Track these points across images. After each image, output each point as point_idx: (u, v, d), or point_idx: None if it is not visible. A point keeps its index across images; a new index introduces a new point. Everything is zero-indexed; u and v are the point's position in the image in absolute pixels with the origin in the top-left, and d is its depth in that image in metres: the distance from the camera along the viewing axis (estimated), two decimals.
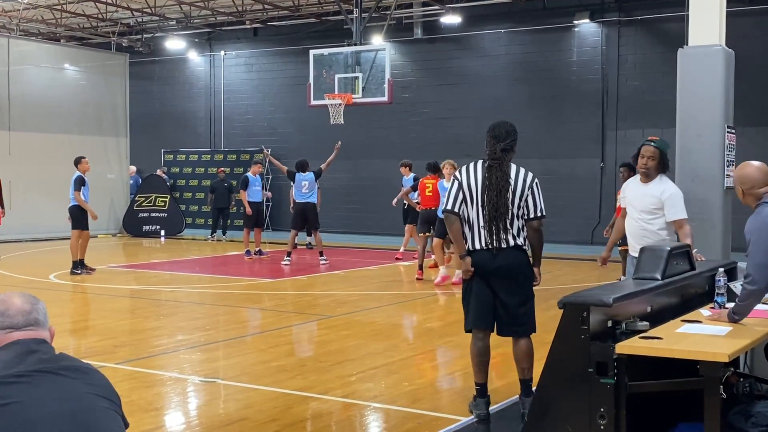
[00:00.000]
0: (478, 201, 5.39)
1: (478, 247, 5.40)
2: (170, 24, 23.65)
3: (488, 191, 5.35)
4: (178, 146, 24.34)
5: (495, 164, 5.40)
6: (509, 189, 5.35)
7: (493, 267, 5.37)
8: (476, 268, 5.41)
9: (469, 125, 20.07)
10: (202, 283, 13.12)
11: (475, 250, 5.42)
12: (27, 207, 19.55)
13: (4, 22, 23.26)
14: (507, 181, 5.36)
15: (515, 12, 19.78)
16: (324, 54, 15.88)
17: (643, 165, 6.09)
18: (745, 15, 16.23)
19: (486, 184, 5.36)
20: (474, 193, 5.41)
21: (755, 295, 4.06)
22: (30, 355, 2.38)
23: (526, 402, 5.40)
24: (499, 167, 5.38)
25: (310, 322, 9.69)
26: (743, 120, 11.87)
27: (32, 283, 12.29)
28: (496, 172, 5.37)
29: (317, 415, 5.88)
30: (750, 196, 4.37)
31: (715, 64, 7.20)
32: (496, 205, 5.32)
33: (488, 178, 5.36)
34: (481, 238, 5.39)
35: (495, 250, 5.36)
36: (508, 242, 5.37)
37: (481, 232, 5.39)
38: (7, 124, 19.70)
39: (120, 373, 6.81)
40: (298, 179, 14.90)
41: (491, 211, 5.33)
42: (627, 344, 3.75)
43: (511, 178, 5.39)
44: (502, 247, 5.36)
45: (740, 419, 3.96)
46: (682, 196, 6.10)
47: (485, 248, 5.38)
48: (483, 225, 5.37)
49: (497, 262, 5.36)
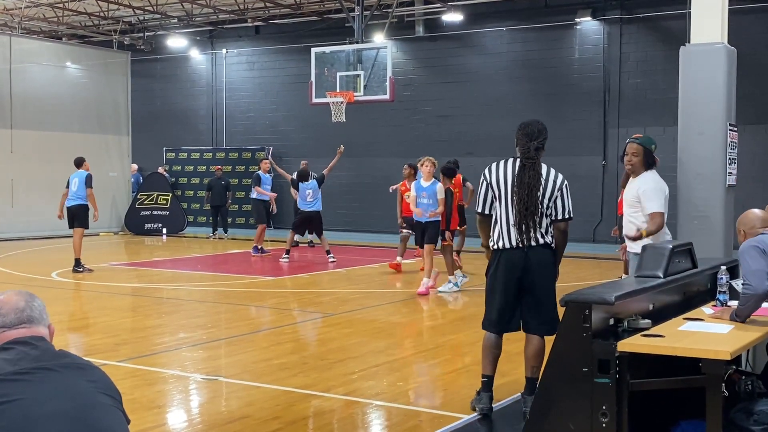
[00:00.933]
0: (508, 199, 5.41)
1: (507, 246, 5.42)
2: (172, 22, 23.65)
3: (519, 189, 5.36)
4: (179, 144, 24.35)
5: (529, 163, 5.40)
6: (540, 188, 5.37)
7: (523, 265, 5.39)
8: (505, 266, 5.43)
9: (471, 123, 20.07)
10: (204, 281, 13.13)
11: (504, 249, 5.43)
12: (29, 205, 19.56)
13: (6, 20, 23.26)
14: (539, 180, 5.38)
15: (517, 10, 19.77)
16: (326, 52, 15.87)
17: (628, 162, 6.28)
18: (747, 13, 16.22)
19: (518, 182, 5.38)
20: (503, 191, 5.43)
21: (754, 300, 4.16)
22: (30, 353, 2.37)
23: (528, 400, 5.36)
24: (533, 166, 5.39)
25: (311, 320, 9.70)
26: (745, 118, 11.87)
27: (34, 281, 12.29)
28: (530, 171, 5.38)
29: (319, 413, 5.88)
30: (750, 235, 4.56)
31: (718, 61, 7.20)
32: (527, 204, 5.33)
33: (520, 177, 5.37)
34: (511, 237, 5.41)
35: (526, 248, 5.38)
36: (537, 241, 5.40)
37: (510, 230, 5.40)
38: (9, 122, 19.71)
39: (122, 370, 6.81)
40: (302, 188, 14.99)
41: (521, 210, 5.34)
42: (629, 342, 3.75)
43: (543, 177, 5.41)
44: (532, 245, 5.38)
45: (742, 417, 3.96)
46: (659, 189, 6.15)
47: (516, 247, 5.40)
48: (513, 223, 5.38)
49: (528, 261, 5.39)
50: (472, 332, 9.02)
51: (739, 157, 7.58)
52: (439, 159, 12.16)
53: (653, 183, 6.20)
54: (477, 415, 5.56)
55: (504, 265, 5.43)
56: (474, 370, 7.23)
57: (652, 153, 6.28)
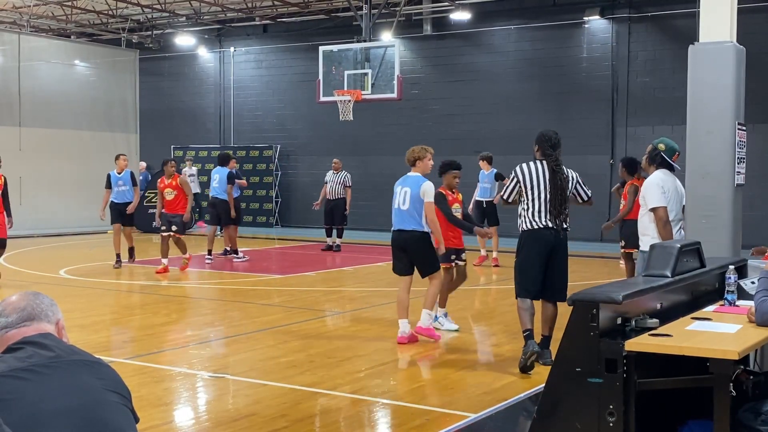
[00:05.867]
0: (542, 195, 6.79)
1: (542, 226, 6.81)
2: (180, 20, 23.69)
3: (552, 189, 6.79)
4: (187, 142, 24.38)
5: (558, 169, 6.84)
6: (567, 188, 6.89)
7: (555, 244, 6.83)
8: (540, 243, 6.81)
9: (479, 121, 20.04)
10: (212, 279, 13.15)
11: (537, 229, 6.82)
12: (37, 203, 19.62)
13: (15, 18, 23.33)
14: (567, 182, 6.89)
15: (525, 8, 19.73)
16: (333, 50, 15.88)
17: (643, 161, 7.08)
18: (756, 11, 16.15)
19: (551, 185, 6.79)
20: (537, 188, 6.81)
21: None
22: (41, 352, 2.37)
23: (546, 353, 6.88)
24: (561, 171, 6.86)
25: (318, 318, 9.70)
26: (754, 117, 11.83)
27: (42, 279, 12.33)
28: (560, 175, 6.83)
29: (326, 411, 5.88)
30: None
31: (726, 60, 7.17)
32: (561, 201, 6.80)
33: (553, 180, 6.79)
34: (544, 220, 6.81)
35: (555, 231, 6.82)
36: (563, 226, 6.87)
37: (542, 217, 6.81)
38: (18, 119, 19.77)
39: (129, 368, 6.83)
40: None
41: (556, 205, 6.79)
42: (636, 341, 3.74)
43: (567, 178, 6.90)
44: (562, 227, 6.86)
45: (750, 417, 3.94)
46: (657, 185, 6.57)
47: (549, 227, 6.80)
48: (545, 212, 6.80)
49: (558, 241, 6.84)
50: (480, 331, 9.02)
51: (748, 156, 7.54)
52: (446, 158, 11.83)
53: (653, 179, 6.64)
54: (487, 411, 5.56)
55: (538, 242, 6.81)
56: (481, 369, 7.23)
57: (660, 153, 6.67)
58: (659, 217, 6.48)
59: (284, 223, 22.61)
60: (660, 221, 6.47)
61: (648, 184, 6.66)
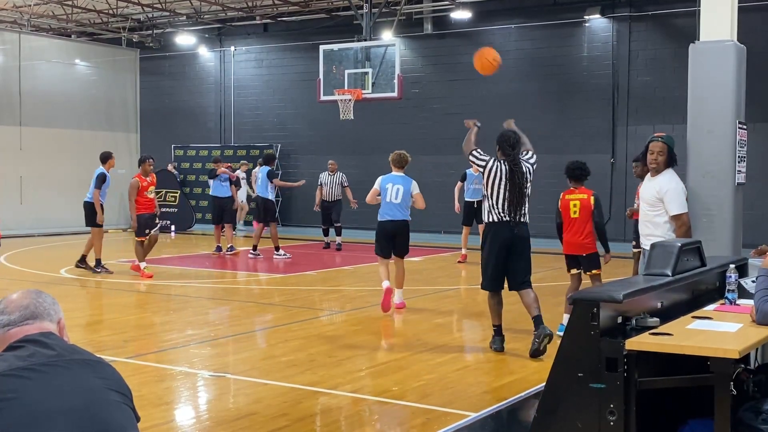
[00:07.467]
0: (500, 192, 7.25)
1: (500, 219, 7.28)
2: (180, 19, 23.69)
3: (511, 186, 7.22)
4: (188, 142, 24.38)
5: (516, 168, 7.27)
6: (526, 185, 7.31)
7: (513, 236, 7.28)
8: (499, 236, 7.28)
9: (479, 121, 20.01)
10: (212, 279, 13.15)
11: (498, 222, 7.29)
12: (37, 202, 19.62)
13: (15, 18, 23.33)
14: (525, 179, 7.32)
15: (525, 7, 19.73)
16: (334, 49, 15.87)
17: (653, 161, 6.42)
18: (757, 10, 16.15)
19: (510, 184, 7.21)
20: (497, 185, 7.27)
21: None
22: (42, 351, 2.37)
23: (540, 332, 7.15)
24: (519, 170, 7.27)
25: (319, 318, 9.70)
26: (755, 116, 11.82)
27: (42, 278, 12.33)
28: (518, 174, 7.25)
29: (326, 410, 5.89)
30: None
31: (727, 59, 7.16)
32: (518, 198, 7.24)
33: (512, 180, 7.21)
34: (504, 214, 7.26)
35: (513, 224, 7.25)
36: (521, 220, 7.30)
37: (505, 210, 7.25)
38: (18, 119, 19.77)
39: (130, 367, 6.83)
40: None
41: (514, 202, 7.23)
42: (637, 340, 3.74)
43: (525, 173, 7.31)
44: (520, 221, 7.28)
45: (751, 416, 3.94)
46: (681, 190, 6.38)
47: (507, 221, 7.25)
48: (508, 205, 7.22)
49: (515, 233, 7.28)
50: (480, 330, 9.02)
51: (748, 155, 7.54)
52: (446, 157, 12.06)
53: (675, 183, 6.36)
54: (488, 411, 5.57)
55: (497, 235, 7.29)
56: (482, 368, 7.24)
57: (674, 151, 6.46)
58: (683, 222, 6.25)
59: (284, 222, 22.61)
60: (684, 226, 6.24)
61: (673, 189, 6.32)
